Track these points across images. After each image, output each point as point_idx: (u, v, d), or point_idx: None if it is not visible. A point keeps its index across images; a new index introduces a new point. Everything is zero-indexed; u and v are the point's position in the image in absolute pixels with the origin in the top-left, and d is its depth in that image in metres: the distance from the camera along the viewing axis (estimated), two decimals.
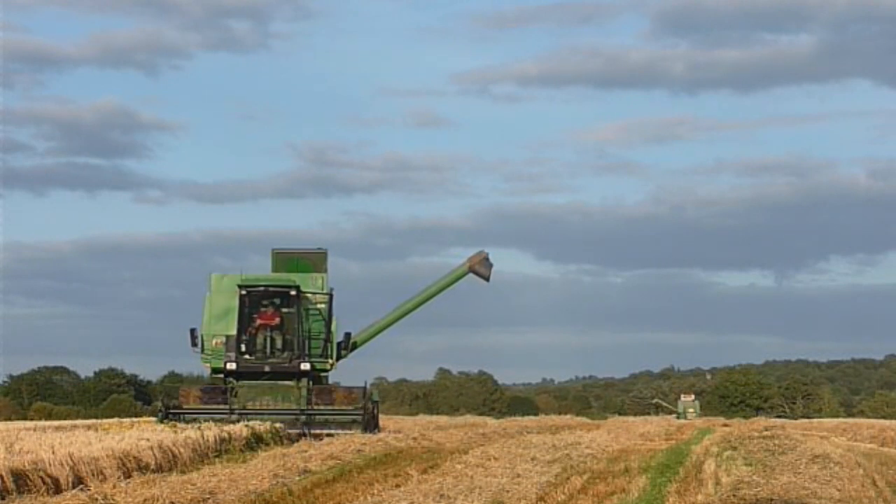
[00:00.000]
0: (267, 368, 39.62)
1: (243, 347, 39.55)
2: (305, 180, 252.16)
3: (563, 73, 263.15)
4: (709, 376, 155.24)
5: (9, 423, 52.96)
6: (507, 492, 19.74)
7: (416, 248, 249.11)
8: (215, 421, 34.61)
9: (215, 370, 40.21)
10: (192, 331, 39.74)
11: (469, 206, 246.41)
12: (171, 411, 38.16)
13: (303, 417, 38.27)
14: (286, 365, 39.59)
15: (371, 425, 38.50)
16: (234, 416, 37.04)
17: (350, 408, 38.58)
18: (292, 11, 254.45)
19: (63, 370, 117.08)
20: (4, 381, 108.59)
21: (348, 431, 36.33)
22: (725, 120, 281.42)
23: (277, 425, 35.72)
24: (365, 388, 40.08)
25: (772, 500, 18.14)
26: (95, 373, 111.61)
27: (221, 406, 38.36)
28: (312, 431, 36.70)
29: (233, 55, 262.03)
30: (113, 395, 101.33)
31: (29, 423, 47.53)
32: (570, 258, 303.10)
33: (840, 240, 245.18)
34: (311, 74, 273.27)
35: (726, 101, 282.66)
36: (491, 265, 45.21)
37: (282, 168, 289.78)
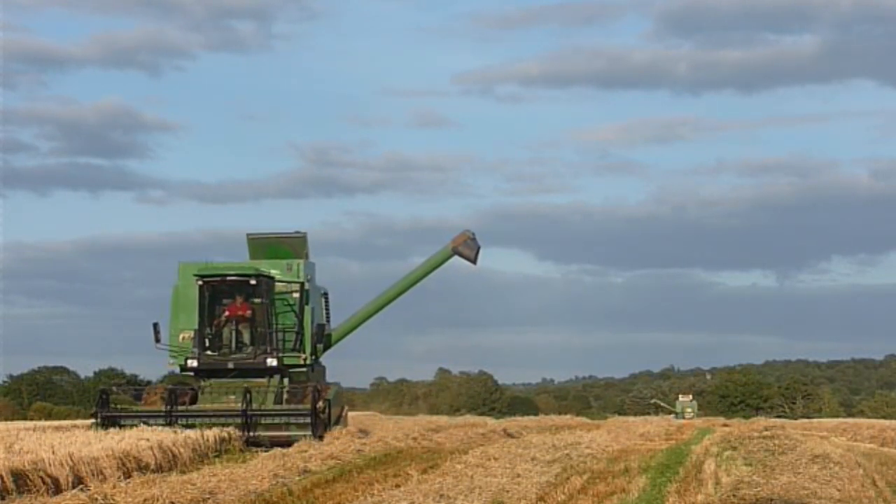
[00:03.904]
0: (230, 365, 36.10)
1: (207, 343, 36.19)
2: (307, 180, 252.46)
3: (566, 73, 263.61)
4: (709, 376, 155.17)
5: (9, 423, 52.93)
6: (507, 492, 19.74)
7: (418, 249, 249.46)
8: (150, 425, 31.68)
9: (183, 368, 36.86)
10: (155, 325, 36.12)
11: (470, 206, 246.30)
12: (107, 415, 34.43)
13: (252, 419, 33.78)
14: (251, 361, 36.10)
15: (321, 427, 34.27)
16: (179, 421, 33.48)
17: (300, 408, 34.41)
18: (296, 12, 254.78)
19: (63, 370, 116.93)
20: (4, 381, 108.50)
21: (300, 433, 33.04)
22: (727, 120, 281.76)
23: (229, 429, 32.12)
24: (315, 385, 35.54)
25: (772, 500, 18.15)
26: (95, 373, 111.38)
27: (158, 409, 34.46)
28: (257, 435, 33.40)
29: (235, 56, 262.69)
30: (113, 395, 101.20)
31: (29, 423, 47.50)
32: (571, 258, 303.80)
33: (842, 240, 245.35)
34: (313, 75, 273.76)
35: (729, 101, 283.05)
36: (477, 246, 40.57)
37: (283, 168, 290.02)
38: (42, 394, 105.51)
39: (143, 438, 26.90)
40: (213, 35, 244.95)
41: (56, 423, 48.49)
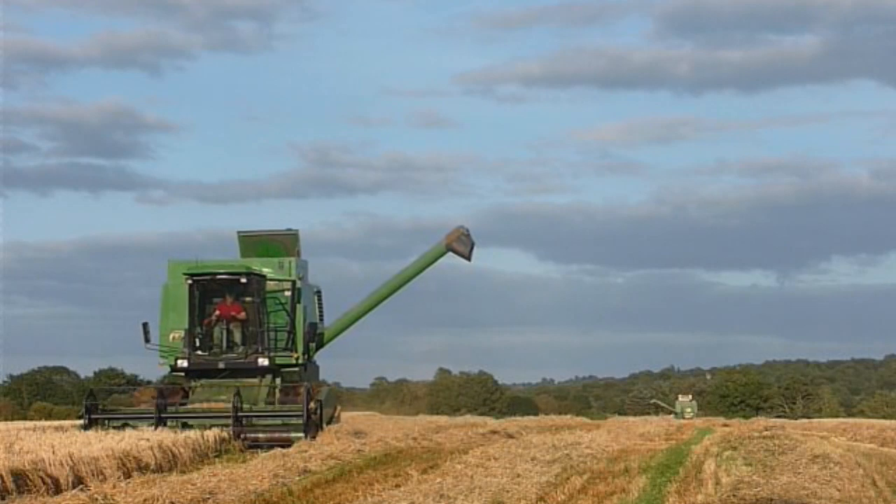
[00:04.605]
0: (221, 365, 35.45)
1: (197, 342, 35.56)
2: (308, 180, 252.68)
3: (567, 73, 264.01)
4: (709, 376, 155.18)
5: (9, 423, 52.92)
6: (507, 492, 19.73)
7: (418, 249, 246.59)
8: (137, 427, 31.17)
9: (173, 368, 35.95)
10: (144, 325, 35.40)
11: (471, 206, 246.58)
12: (94, 417, 33.49)
13: (243, 420, 33.02)
14: (242, 360, 35.45)
15: (313, 428, 33.70)
16: (169, 422, 32.78)
17: (292, 409, 33.86)
18: (298, 13, 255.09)
19: (63, 370, 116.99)
20: (4, 381, 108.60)
21: (291, 434, 32.61)
22: (728, 120, 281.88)
23: (222, 430, 31.34)
24: (307, 385, 34.85)
25: (772, 500, 18.15)
26: (95, 373, 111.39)
27: (149, 409, 33.73)
28: (248, 436, 32.52)
29: (236, 56, 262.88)
30: (113, 395, 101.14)
31: (29, 423, 47.47)
32: (571, 258, 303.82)
33: (842, 240, 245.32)
34: (314, 75, 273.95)
35: (729, 101, 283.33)
36: (472, 242, 39.92)
37: (284, 168, 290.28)
38: (42, 394, 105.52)
39: (143, 438, 26.91)
40: (214, 35, 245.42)
41: (56, 423, 48.42)
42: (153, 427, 31.61)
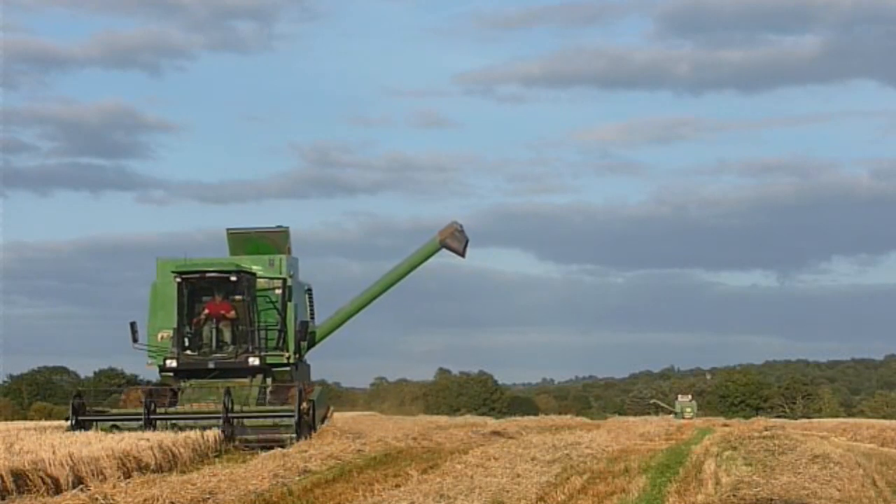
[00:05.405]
0: (211, 365, 34.87)
1: (186, 342, 35.00)
2: (308, 180, 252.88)
3: (567, 73, 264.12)
4: (709, 376, 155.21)
5: (9, 423, 52.92)
6: (507, 492, 19.74)
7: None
8: (132, 429, 30.73)
9: (161, 368, 35.39)
10: (133, 324, 34.75)
11: (472, 206, 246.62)
12: (82, 418, 32.72)
13: (232, 421, 32.21)
14: (232, 360, 34.89)
15: (305, 429, 33.25)
16: (157, 423, 32.23)
17: (284, 409, 33.29)
18: (298, 13, 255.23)
19: (63, 370, 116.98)
20: (4, 381, 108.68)
21: (284, 435, 32.16)
22: (728, 120, 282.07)
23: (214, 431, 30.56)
24: (299, 385, 34.38)
25: (772, 500, 18.15)
26: (95, 373, 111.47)
27: (137, 411, 33.08)
28: (241, 437, 31.85)
29: (236, 56, 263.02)
30: (113, 395, 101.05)
31: (29, 423, 47.46)
32: (571, 258, 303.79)
33: (842, 240, 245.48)
34: (314, 75, 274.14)
35: (730, 101, 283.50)
36: (466, 238, 39.28)
37: (285, 168, 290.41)
38: (42, 394, 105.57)
39: (143, 438, 26.90)
40: (214, 35, 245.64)
41: (56, 423, 48.39)
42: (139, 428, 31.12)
